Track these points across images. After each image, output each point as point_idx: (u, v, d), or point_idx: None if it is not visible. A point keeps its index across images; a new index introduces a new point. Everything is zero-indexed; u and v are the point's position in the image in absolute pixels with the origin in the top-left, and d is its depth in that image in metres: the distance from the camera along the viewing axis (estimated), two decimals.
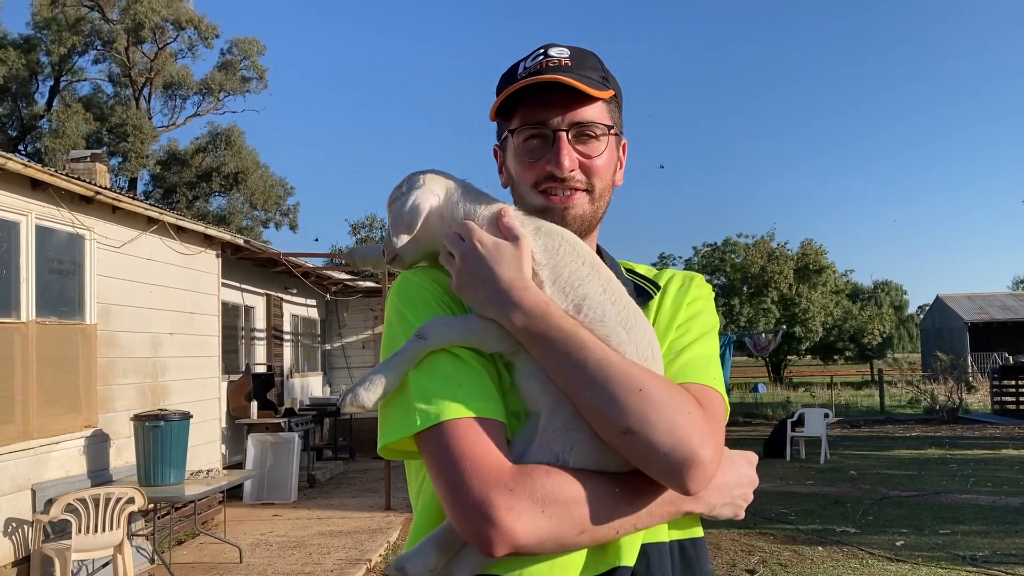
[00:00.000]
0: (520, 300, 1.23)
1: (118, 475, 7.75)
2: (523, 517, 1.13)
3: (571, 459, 1.20)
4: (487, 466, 1.16)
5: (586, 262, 1.31)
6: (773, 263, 42.38)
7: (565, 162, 1.36)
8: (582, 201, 1.40)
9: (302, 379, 15.31)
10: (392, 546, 8.40)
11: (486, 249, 1.27)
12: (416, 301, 1.32)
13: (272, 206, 34.47)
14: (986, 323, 42.45)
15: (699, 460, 1.15)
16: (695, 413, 1.19)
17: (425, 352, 1.23)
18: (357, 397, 1.24)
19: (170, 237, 9.07)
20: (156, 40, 31.13)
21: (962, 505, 10.40)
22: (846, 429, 20.97)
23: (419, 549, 1.24)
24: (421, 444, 1.22)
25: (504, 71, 1.45)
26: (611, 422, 1.16)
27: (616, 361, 1.20)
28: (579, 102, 1.36)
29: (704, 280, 1.52)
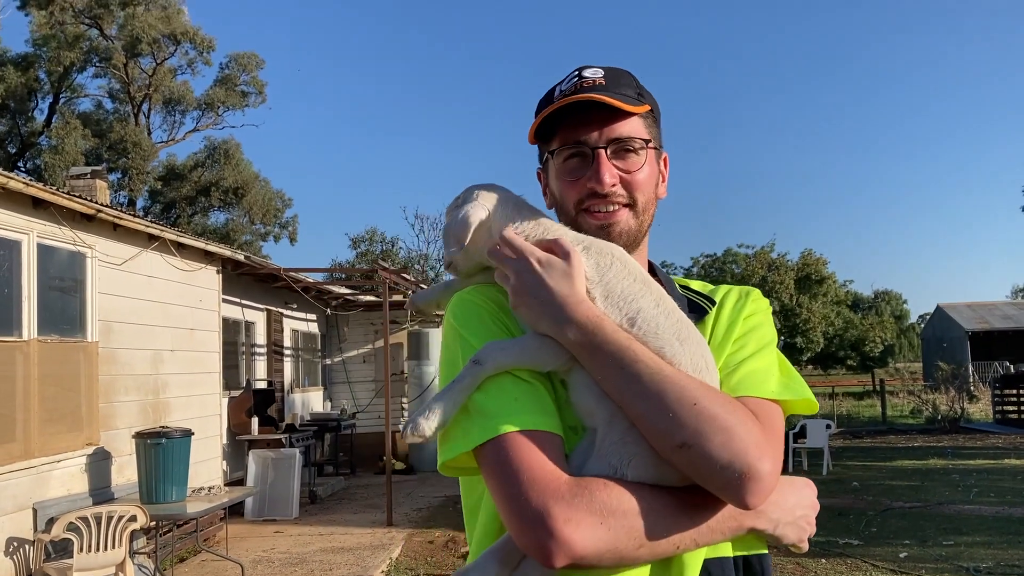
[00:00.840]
0: (573, 314, 1.25)
1: (120, 493, 7.74)
2: (581, 528, 1.13)
3: (629, 472, 1.21)
4: (545, 477, 1.17)
5: (637, 278, 1.33)
6: (773, 273, 42.40)
7: (606, 178, 1.39)
8: (626, 216, 1.43)
9: (303, 394, 15.30)
10: (394, 562, 8.38)
11: (539, 265, 1.29)
12: (471, 320, 1.34)
13: (271, 219, 34.52)
14: (987, 332, 42.44)
15: (757, 473, 1.15)
16: (752, 426, 1.18)
17: (483, 377, 1.25)
18: (418, 427, 1.24)
19: (171, 254, 9.09)
20: (155, 56, 31.23)
21: (965, 516, 10.38)
22: (848, 440, 20.93)
23: (480, 562, 1.25)
24: (480, 458, 1.23)
25: (544, 96, 1.49)
26: (666, 436, 1.17)
27: (670, 374, 1.21)
28: (616, 119, 1.40)
29: (761, 295, 1.53)
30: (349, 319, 16.83)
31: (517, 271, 1.29)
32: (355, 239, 34.90)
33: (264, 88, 34.44)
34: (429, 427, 1.24)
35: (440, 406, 1.24)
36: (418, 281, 15.08)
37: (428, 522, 10.40)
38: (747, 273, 42.72)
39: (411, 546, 9.08)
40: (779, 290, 41.75)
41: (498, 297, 1.37)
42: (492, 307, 1.36)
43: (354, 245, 34.81)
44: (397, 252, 33.53)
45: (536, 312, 1.27)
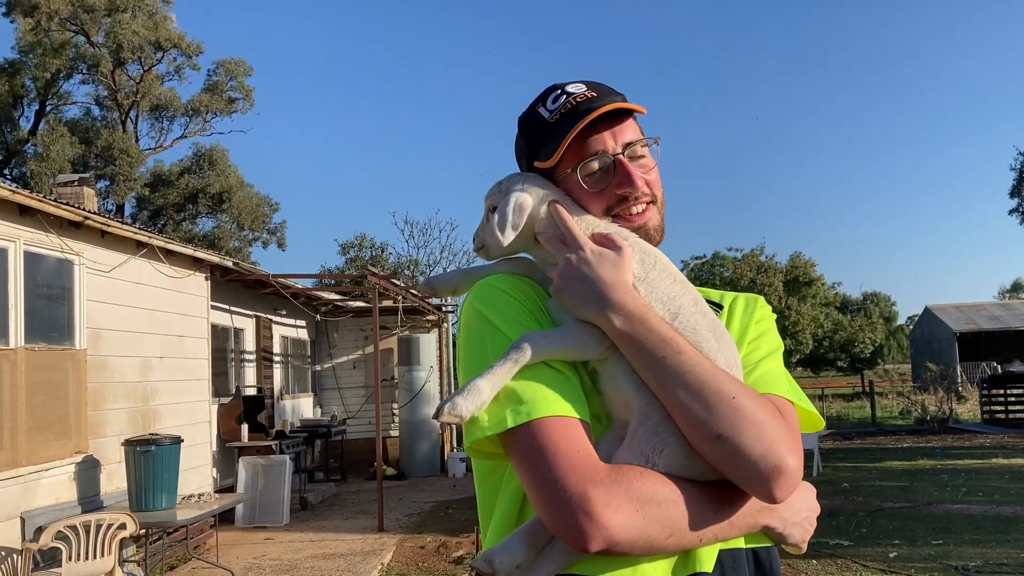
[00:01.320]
0: (623, 301, 1.28)
1: (109, 501, 7.71)
2: (620, 514, 1.16)
3: (660, 462, 1.23)
4: (583, 462, 1.19)
5: (676, 279, 1.37)
6: (763, 276, 42.57)
7: (638, 181, 1.42)
8: (653, 213, 1.47)
9: (293, 401, 15.26)
10: (385, 568, 8.37)
11: (592, 254, 1.32)
12: (501, 306, 1.36)
13: (259, 224, 34.41)
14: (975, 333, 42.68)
15: (787, 468, 1.19)
16: (781, 423, 1.23)
17: (524, 363, 1.25)
18: (456, 407, 1.23)
19: (159, 261, 9.06)
20: (141, 62, 31.14)
21: (954, 515, 10.43)
22: (838, 441, 21.01)
23: (507, 543, 1.26)
24: (511, 442, 1.24)
25: (524, 119, 1.51)
26: (703, 427, 1.20)
27: (710, 368, 1.24)
28: (620, 123, 1.44)
29: (766, 302, 1.58)
30: (339, 325, 16.80)
31: (568, 256, 1.32)
32: (344, 245, 34.85)
33: (252, 94, 34.36)
34: (468, 408, 1.23)
35: (479, 387, 1.24)
36: (408, 286, 15.07)
37: (419, 527, 10.39)
38: (736, 276, 42.87)
39: (402, 551, 9.07)
40: (768, 293, 41.88)
41: (523, 286, 1.40)
42: (519, 295, 1.38)
43: (343, 251, 34.76)
44: (387, 258, 33.50)
45: (582, 297, 1.30)
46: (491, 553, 1.25)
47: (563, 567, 1.25)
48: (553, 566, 1.24)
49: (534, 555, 1.25)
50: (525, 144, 1.51)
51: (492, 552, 1.25)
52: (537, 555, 1.25)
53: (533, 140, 1.48)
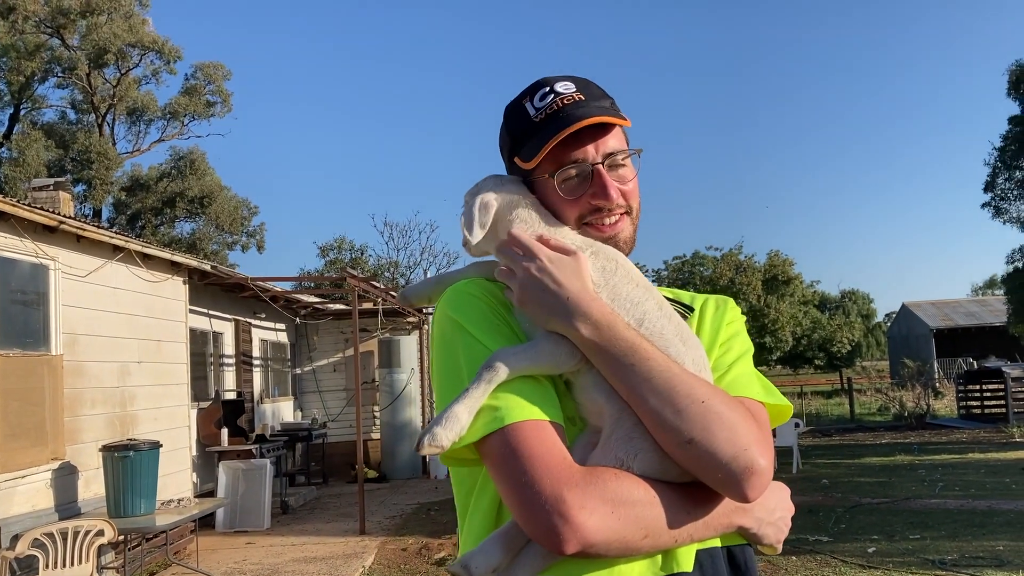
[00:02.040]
0: (588, 311, 1.27)
1: (87, 507, 7.65)
2: (595, 516, 1.16)
3: (635, 465, 1.24)
4: (558, 465, 1.19)
5: (639, 284, 1.37)
6: (741, 275, 42.76)
7: (612, 193, 1.42)
8: (626, 224, 1.47)
9: (273, 404, 15.19)
10: (367, 570, 8.36)
11: (550, 262, 1.31)
12: (471, 311, 1.36)
13: (238, 227, 34.22)
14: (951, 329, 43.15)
15: (758, 468, 1.20)
16: (752, 424, 1.24)
17: (498, 383, 1.24)
18: (435, 438, 1.22)
19: (136, 265, 9.00)
20: (119, 66, 30.90)
21: (931, 510, 10.55)
22: (817, 438, 21.17)
23: (484, 547, 1.26)
24: (485, 448, 1.25)
25: (510, 111, 1.51)
26: (675, 432, 1.21)
27: (679, 372, 1.25)
28: (605, 133, 1.44)
29: (735, 304, 1.59)
30: (319, 328, 16.75)
31: (527, 267, 1.32)
32: (323, 247, 34.66)
33: (230, 98, 34.19)
34: (448, 437, 1.22)
35: (457, 415, 1.23)
36: (388, 289, 15.05)
37: (401, 530, 10.38)
38: (716, 275, 43.05)
39: (384, 554, 9.05)
40: (747, 291, 42.10)
41: (495, 291, 1.40)
42: (491, 300, 1.38)
43: (322, 253, 34.57)
44: (366, 260, 33.39)
45: (547, 308, 1.29)
46: (468, 557, 1.25)
47: (540, 570, 1.25)
48: (530, 569, 1.25)
49: (511, 558, 1.25)
50: (508, 137, 1.51)
51: (469, 556, 1.26)
52: (514, 558, 1.25)
53: (516, 136, 1.48)
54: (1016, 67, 23.29)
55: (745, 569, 1.37)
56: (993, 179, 24.65)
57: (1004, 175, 24.47)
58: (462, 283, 1.42)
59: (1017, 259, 24.80)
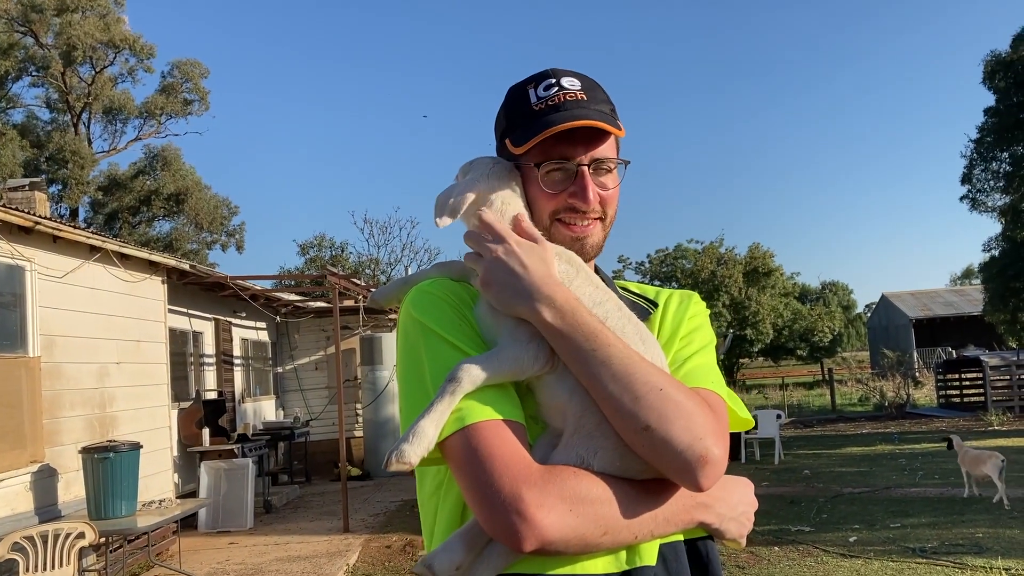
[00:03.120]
0: (553, 295, 1.29)
1: (67, 510, 7.59)
2: (552, 514, 1.18)
3: (596, 463, 1.25)
4: (516, 464, 1.20)
5: (599, 287, 1.39)
6: (723, 268, 42.97)
7: (591, 197, 1.43)
8: (597, 229, 1.48)
9: (254, 404, 15.12)
10: (352, 568, 8.34)
11: (517, 245, 1.32)
12: (433, 310, 1.36)
13: (217, 227, 34.01)
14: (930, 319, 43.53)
15: (712, 458, 1.21)
16: (708, 413, 1.26)
17: (461, 395, 1.24)
18: (403, 455, 1.21)
19: (114, 265, 8.93)
20: (93, 64, 30.61)
21: (911, 498, 10.65)
22: (799, 429, 21.31)
23: (447, 545, 1.27)
24: (448, 448, 1.25)
25: (512, 93, 1.51)
26: (632, 418, 1.22)
27: (638, 360, 1.26)
28: (599, 138, 1.44)
29: (700, 298, 1.61)
30: (300, 326, 16.68)
31: (494, 249, 1.32)
32: (303, 245, 34.52)
33: (207, 96, 33.97)
34: (415, 453, 1.22)
35: (423, 430, 1.22)
36: (369, 286, 15.00)
37: (385, 527, 10.36)
38: (697, 268, 43.25)
39: (368, 551, 9.04)
40: (728, 284, 42.33)
41: (458, 290, 1.41)
42: (453, 299, 1.39)
43: (303, 251, 34.44)
44: (347, 257, 33.29)
45: (511, 291, 1.30)
46: (431, 557, 1.26)
47: (503, 568, 1.26)
48: (492, 567, 1.26)
49: (474, 556, 1.26)
50: (504, 118, 1.51)
51: (432, 556, 1.26)
52: (477, 557, 1.26)
53: (512, 118, 1.49)
54: (991, 57, 23.47)
55: (707, 561, 1.38)
56: (970, 171, 24.85)
57: (981, 167, 24.67)
58: (425, 283, 1.43)
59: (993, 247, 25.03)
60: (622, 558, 1.29)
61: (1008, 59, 23.00)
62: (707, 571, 1.38)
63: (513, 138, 1.47)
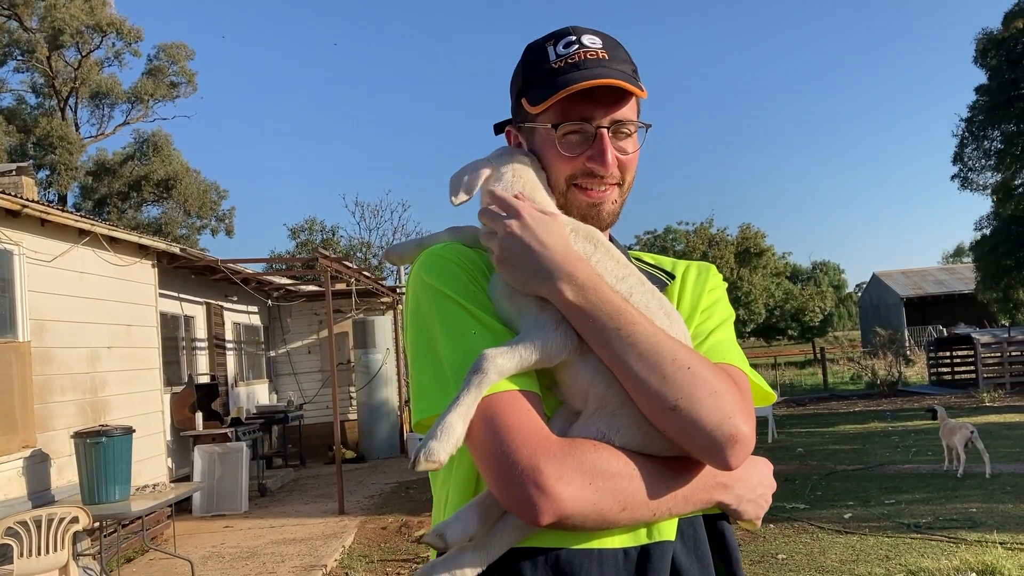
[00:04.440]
0: (574, 271, 1.23)
1: (60, 495, 7.55)
2: (572, 487, 1.14)
3: (617, 439, 1.21)
4: (535, 436, 1.17)
5: (620, 261, 1.33)
6: (714, 249, 42.98)
7: (610, 160, 1.37)
8: (615, 195, 1.42)
9: (247, 387, 15.08)
10: (347, 550, 8.33)
11: (533, 221, 1.26)
12: (446, 275, 1.31)
13: (207, 212, 33.82)
14: (920, 298, 43.69)
15: (742, 436, 1.19)
16: (736, 391, 1.22)
17: (487, 387, 1.18)
18: (432, 453, 1.15)
19: (103, 249, 8.85)
20: (79, 48, 30.31)
21: (905, 475, 10.70)
22: (792, 408, 21.38)
23: (460, 516, 1.22)
24: None
25: (530, 51, 1.44)
26: (660, 397, 1.18)
27: (664, 338, 1.22)
28: (621, 100, 1.38)
29: (717, 271, 1.56)
30: (292, 310, 16.62)
31: (508, 225, 1.26)
32: (294, 229, 34.31)
33: (195, 78, 33.72)
34: (445, 451, 1.15)
35: (451, 426, 1.16)
36: (361, 269, 14.94)
37: (380, 508, 10.36)
38: (688, 249, 43.24)
39: (364, 533, 9.03)
40: (720, 265, 42.33)
41: (471, 255, 1.36)
42: (466, 264, 1.34)
43: (293, 235, 34.23)
44: (338, 240, 33.15)
45: (529, 269, 1.24)
46: (443, 527, 1.21)
47: (516, 541, 1.22)
48: (506, 540, 1.22)
49: (487, 529, 1.22)
50: (521, 76, 1.44)
51: (444, 525, 1.22)
52: (490, 529, 1.22)
53: (529, 77, 1.42)
54: (983, 35, 23.43)
55: (723, 539, 1.36)
56: (961, 150, 24.86)
57: (972, 145, 24.68)
58: (438, 247, 1.38)
59: (984, 226, 25.09)
60: (641, 533, 1.26)
61: (1000, 37, 22.97)
62: (724, 547, 1.36)
63: (530, 97, 1.40)
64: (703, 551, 1.32)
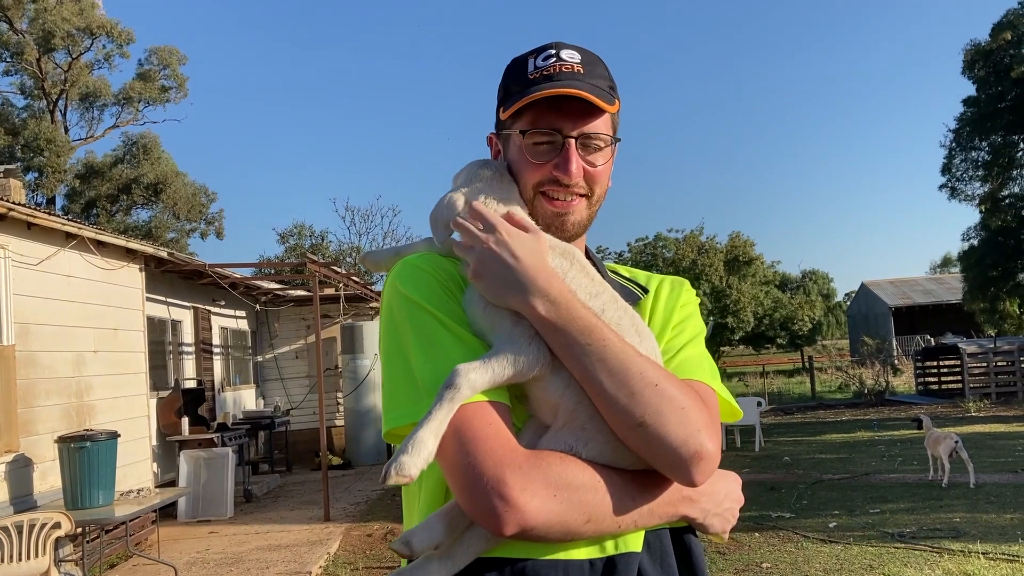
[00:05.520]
0: (547, 287, 1.24)
1: (43, 500, 7.50)
2: (536, 499, 1.15)
3: (584, 452, 1.22)
4: (501, 447, 1.18)
5: (594, 279, 1.35)
6: (703, 256, 43.04)
7: (573, 169, 1.39)
8: (581, 206, 1.43)
9: (234, 392, 15.02)
10: (332, 557, 8.30)
11: (509, 236, 1.27)
12: (420, 284, 1.32)
13: (196, 215, 33.69)
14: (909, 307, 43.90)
15: (707, 453, 1.20)
16: (702, 408, 1.24)
17: (460, 401, 1.18)
18: (403, 467, 1.15)
19: (90, 252, 8.81)
20: (69, 50, 30.19)
21: (890, 484, 10.73)
22: (779, 416, 21.45)
23: (426, 524, 1.23)
24: None
25: (512, 64, 1.47)
26: (627, 413, 1.19)
27: (633, 355, 1.23)
28: (590, 113, 1.39)
29: (690, 286, 1.59)
30: (280, 315, 16.57)
31: (485, 239, 1.27)
32: (283, 233, 34.19)
33: (185, 83, 33.58)
34: (415, 465, 1.16)
35: (423, 441, 1.16)
36: (350, 274, 14.92)
37: (366, 516, 10.33)
38: (678, 257, 43.29)
39: (349, 540, 9.01)
40: (709, 272, 42.40)
41: (446, 266, 1.37)
42: (441, 275, 1.35)
43: (282, 239, 34.11)
44: (327, 245, 33.07)
45: (503, 282, 1.25)
46: (410, 534, 1.23)
47: (482, 551, 1.23)
48: (472, 550, 1.23)
49: (453, 538, 1.23)
50: (501, 87, 1.48)
51: (411, 533, 1.23)
52: (457, 539, 1.23)
53: (507, 87, 1.45)
54: (971, 47, 23.58)
55: (690, 552, 1.37)
56: (949, 160, 25.00)
57: (960, 156, 24.83)
58: (413, 257, 1.39)
59: (972, 237, 25.22)
60: (607, 545, 1.27)
61: (988, 48, 23.13)
62: (690, 560, 1.36)
63: (505, 105, 1.44)
64: (669, 563, 1.33)
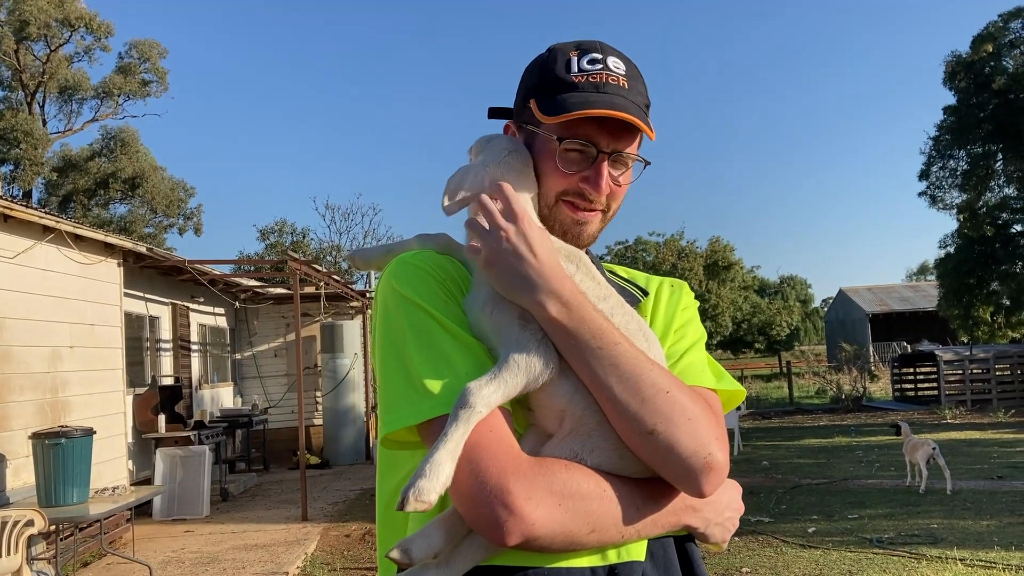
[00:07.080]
0: (560, 287, 1.21)
1: (16, 497, 7.38)
2: (541, 508, 1.12)
3: (590, 459, 1.19)
4: (504, 454, 1.14)
5: (600, 283, 1.32)
6: (683, 261, 43.25)
7: (603, 186, 1.36)
8: (597, 220, 1.41)
9: (212, 390, 14.88)
10: (310, 557, 8.23)
11: (530, 229, 1.23)
12: (418, 283, 1.28)
13: (174, 210, 33.41)
14: (886, 314, 44.27)
15: (716, 464, 1.18)
16: (712, 418, 1.21)
17: (476, 420, 1.14)
18: (421, 493, 1.10)
19: (68, 246, 8.69)
20: (48, 41, 29.87)
21: (868, 490, 10.79)
22: (757, 421, 21.54)
23: (425, 531, 1.19)
24: (429, 432, 1.18)
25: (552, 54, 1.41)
26: (638, 420, 1.17)
27: (644, 360, 1.21)
28: (629, 134, 1.36)
29: (689, 288, 1.56)
30: (259, 312, 16.44)
31: (505, 229, 1.23)
32: (264, 231, 33.96)
33: (166, 77, 33.32)
34: (434, 490, 1.10)
35: (440, 464, 1.12)
36: (330, 272, 14.82)
37: (344, 516, 10.26)
38: (658, 261, 43.47)
39: (327, 540, 8.93)
40: (689, 277, 42.60)
41: (443, 264, 1.33)
42: (439, 273, 1.31)
43: (263, 237, 33.88)
44: (308, 243, 32.89)
45: (516, 277, 1.21)
46: (408, 541, 1.18)
47: (482, 560, 1.19)
48: (471, 559, 1.19)
49: (452, 546, 1.18)
50: (537, 76, 1.41)
51: (409, 541, 1.18)
52: (455, 547, 1.19)
53: (546, 80, 1.38)
54: (952, 58, 23.81)
55: (694, 557, 1.35)
56: (928, 168, 25.24)
57: (939, 164, 25.08)
58: (409, 255, 1.35)
59: (949, 244, 25.47)
60: (610, 553, 1.24)
61: (969, 60, 23.36)
62: (692, 570, 1.34)
63: (542, 101, 1.37)
64: (673, 572, 1.31)
